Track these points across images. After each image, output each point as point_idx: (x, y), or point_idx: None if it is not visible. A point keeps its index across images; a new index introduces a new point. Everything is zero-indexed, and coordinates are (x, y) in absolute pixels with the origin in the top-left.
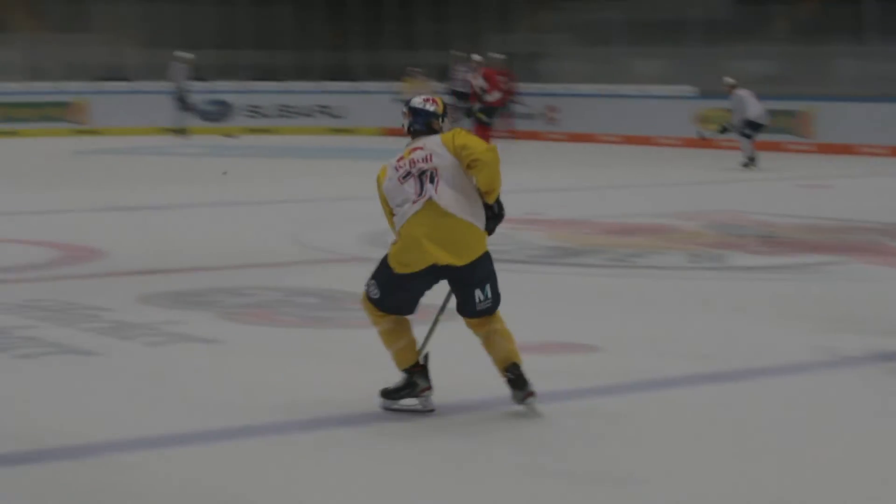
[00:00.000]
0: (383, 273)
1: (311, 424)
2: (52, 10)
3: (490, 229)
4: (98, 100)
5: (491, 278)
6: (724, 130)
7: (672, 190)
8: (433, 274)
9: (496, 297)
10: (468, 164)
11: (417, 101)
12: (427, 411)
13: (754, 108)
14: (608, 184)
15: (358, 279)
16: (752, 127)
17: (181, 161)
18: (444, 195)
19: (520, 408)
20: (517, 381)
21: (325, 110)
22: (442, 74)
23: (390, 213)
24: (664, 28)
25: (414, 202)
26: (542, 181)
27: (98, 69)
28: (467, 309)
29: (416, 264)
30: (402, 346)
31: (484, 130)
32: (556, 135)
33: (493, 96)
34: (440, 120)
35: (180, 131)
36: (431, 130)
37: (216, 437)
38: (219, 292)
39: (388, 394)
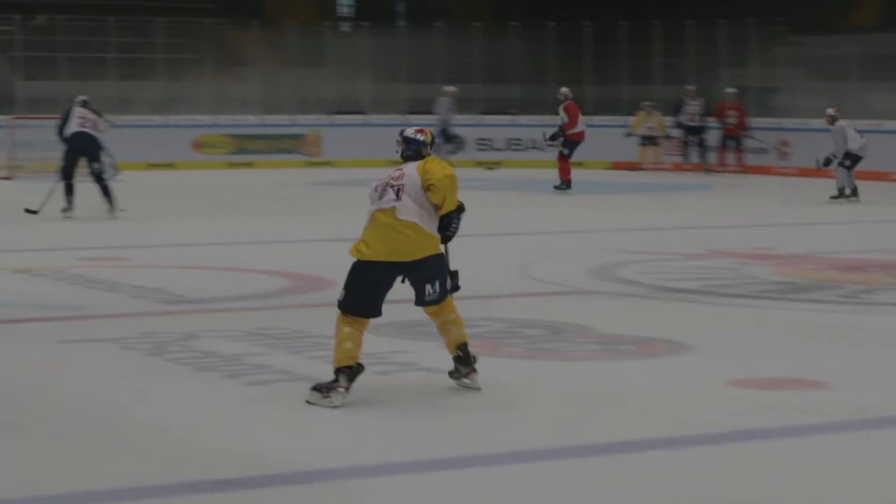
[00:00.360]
0: (350, 273)
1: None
2: (288, 45)
3: (444, 238)
4: (331, 132)
5: (440, 276)
6: (827, 162)
7: None
8: (391, 270)
9: (443, 292)
10: (426, 186)
11: (410, 132)
12: (334, 406)
13: (855, 141)
14: (838, 219)
15: (584, 311)
16: (853, 159)
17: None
18: (406, 206)
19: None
20: (464, 358)
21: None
22: (674, 108)
23: None
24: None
25: (381, 207)
26: (772, 216)
27: (332, 103)
28: (419, 299)
29: (373, 254)
30: (347, 348)
31: (564, 163)
32: (787, 169)
33: (576, 130)
34: (428, 148)
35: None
36: (420, 156)
37: (443, 466)
38: None
39: (318, 387)
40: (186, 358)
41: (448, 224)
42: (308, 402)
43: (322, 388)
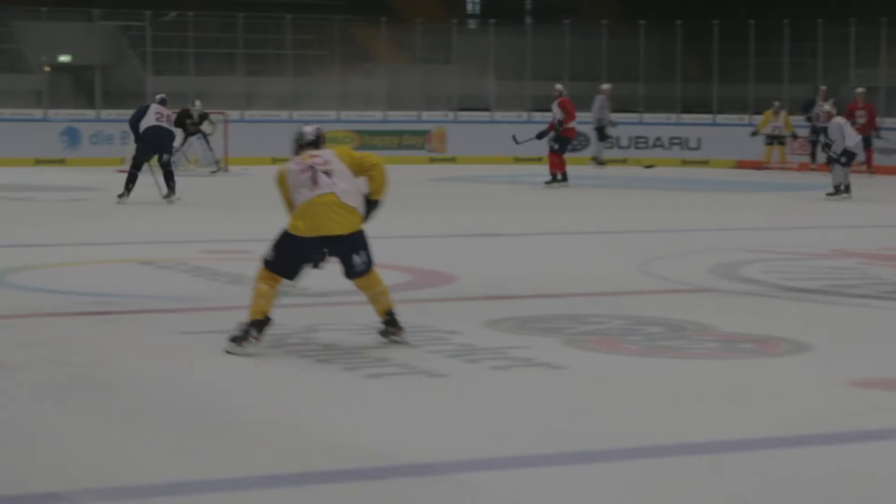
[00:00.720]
0: (281, 238)
1: (639, 452)
2: (414, 42)
3: (367, 218)
4: (456, 129)
5: (365, 248)
6: (829, 160)
7: None
8: (320, 244)
9: (369, 261)
10: (366, 170)
11: (309, 130)
12: (246, 355)
13: (852, 138)
14: None
15: (705, 309)
16: (849, 156)
17: (533, 189)
18: (339, 187)
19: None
20: (392, 321)
21: (679, 142)
22: (804, 108)
23: (290, 202)
24: None
25: (315, 190)
26: None
27: (457, 99)
28: (350, 271)
29: (310, 230)
30: (262, 303)
31: (555, 157)
32: None
33: (570, 125)
34: (321, 140)
35: (599, 162)
36: (318, 146)
37: (558, 461)
38: (563, 319)
39: (234, 338)
40: (306, 350)
41: (375, 207)
42: (227, 352)
43: (238, 340)
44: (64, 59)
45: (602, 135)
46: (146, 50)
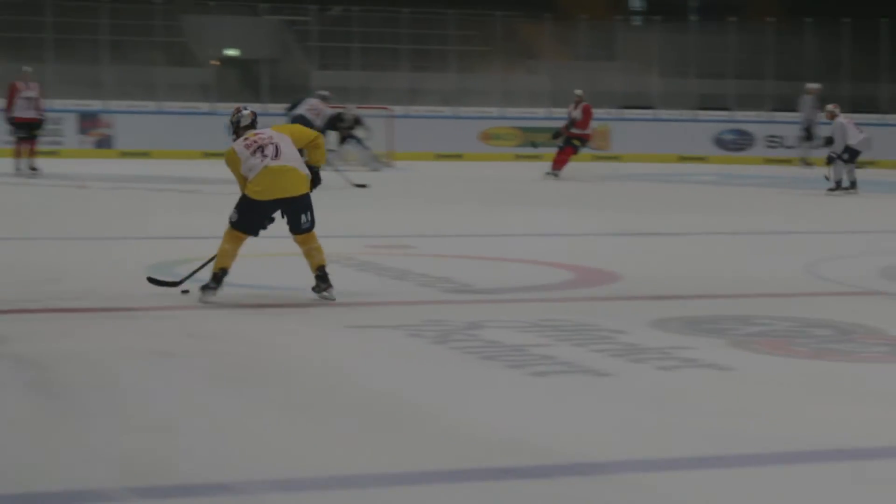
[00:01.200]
0: (243, 202)
1: (808, 456)
2: (578, 38)
3: (315, 185)
4: (620, 126)
5: (310, 208)
6: (830, 160)
7: None
8: (276, 204)
9: (313, 221)
10: (309, 141)
11: (247, 113)
12: (206, 302)
13: (854, 136)
14: None
15: (876, 312)
16: (851, 153)
17: (700, 189)
18: (286, 157)
19: None
20: (323, 277)
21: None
22: None
23: (242, 177)
24: None
25: (265, 161)
26: None
27: (621, 97)
28: (297, 227)
29: (267, 194)
30: (227, 257)
31: (569, 154)
32: None
33: (586, 130)
34: (256, 121)
35: (806, 162)
36: (255, 126)
37: (725, 464)
38: (730, 320)
39: (203, 287)
40: (471, 347)
41: (317, 175)
42: (201, 301)
43: (204, 289)
44: (231, 52)
45: (809, 135)
46: (311, 44)
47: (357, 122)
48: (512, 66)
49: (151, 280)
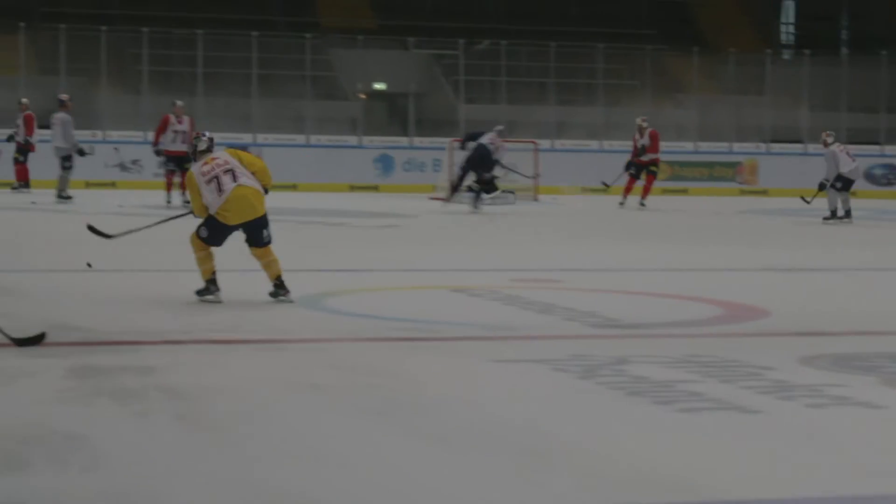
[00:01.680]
0: (210, 223)
1: None
2: (726, 72)
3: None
4: (768, 161)
5: (268, 224)
6: (821, 187)
7: None
8: (241, 225)
9: (270, 236)
10: (257, 168)
11: (205, 139)
12: (217, 301)
13: (846, 164)
14: None
15: None
16: (844, 182)
17: (849, 224)
18: (244, 177)
19: None
20: (281, 285)
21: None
22: None
23: (198, 196)
24: None
25: (226, 187)
26: None
27: (769, 131)
28: (259, 242)
29: (236, 219)
30: (208, 266)
31: (649, 181)
32: None
33: (656, 155)
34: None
35: None
36: (212, 151)
37: (878, 503)
38: (882, 357)
39: (199, 292)
40: (617, 382)
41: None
42: (202, 301)
43: (202, 293)
44: (379, 86)
45: None
46: (459, 78)
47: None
48: (659, 100)
49: (91, 228)
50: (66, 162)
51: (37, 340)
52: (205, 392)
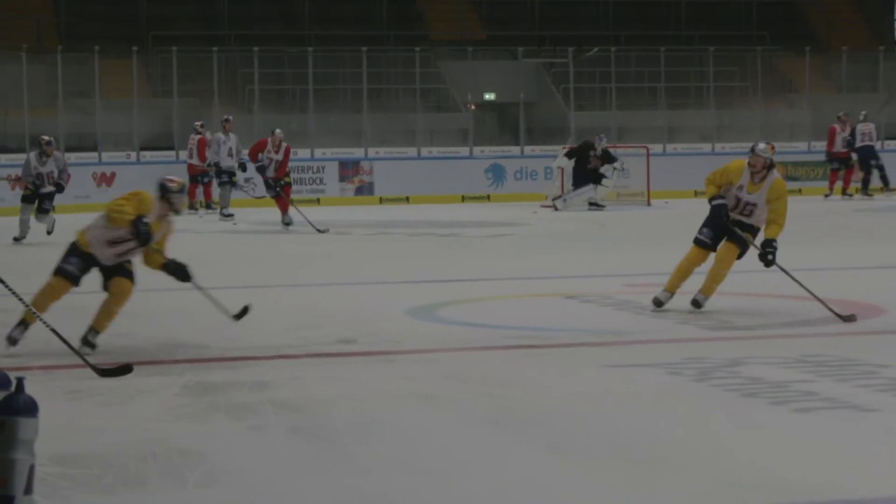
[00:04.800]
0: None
1: None
2: (839, 70)
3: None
4: (884, 158)
5: None
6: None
7: None
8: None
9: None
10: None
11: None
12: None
13: None
14: None
15: None
16: None
17: None
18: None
19: None
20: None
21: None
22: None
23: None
24: None
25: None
26: None
27: (885, 127)
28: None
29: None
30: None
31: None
32: None
33: None
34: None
35: None
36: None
37: None
38: None
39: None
40: (732, 384)
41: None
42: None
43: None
44: (489, 97)
45: None
46: (569, 86)
47: (606, 157)
48: (772, 101)
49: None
50: (223, 177)
51: (122, 372)
52: (319, 405)
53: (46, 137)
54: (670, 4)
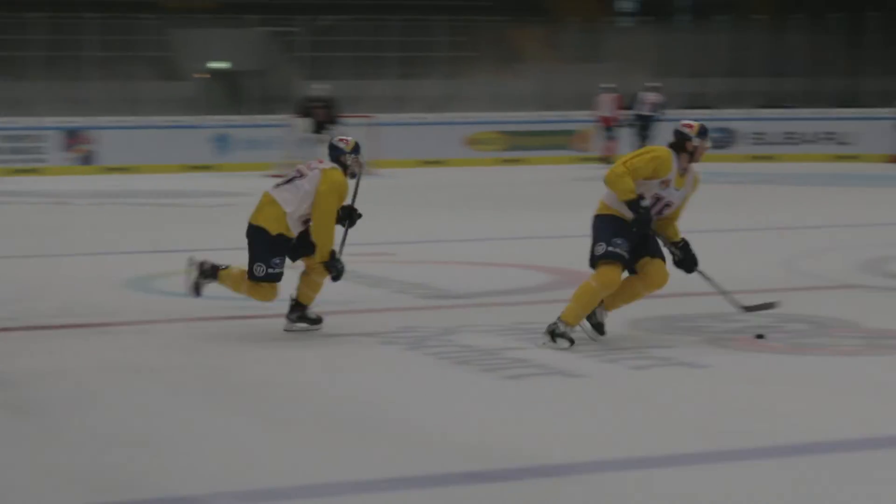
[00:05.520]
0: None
1: (773, 452)
2: (566, 41)
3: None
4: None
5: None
6: None
7: None
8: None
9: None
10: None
11: (335, 139)
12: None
13: None
14: None
15: (851, 306)
16: None
17: None
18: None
19: None
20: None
21: (831, 137)
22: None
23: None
24: None
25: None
26: None
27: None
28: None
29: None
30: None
31: None
32: None
33: None
34: (346, 155)
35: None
36: (339, 162)
37: (696, 460)
38: (706, 317)
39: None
40: (445, 352)
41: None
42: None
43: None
44: (217, 65)
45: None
46: (299, 55)
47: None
48: (499, 71)
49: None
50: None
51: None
52: (29, 379)
53: None
54: None
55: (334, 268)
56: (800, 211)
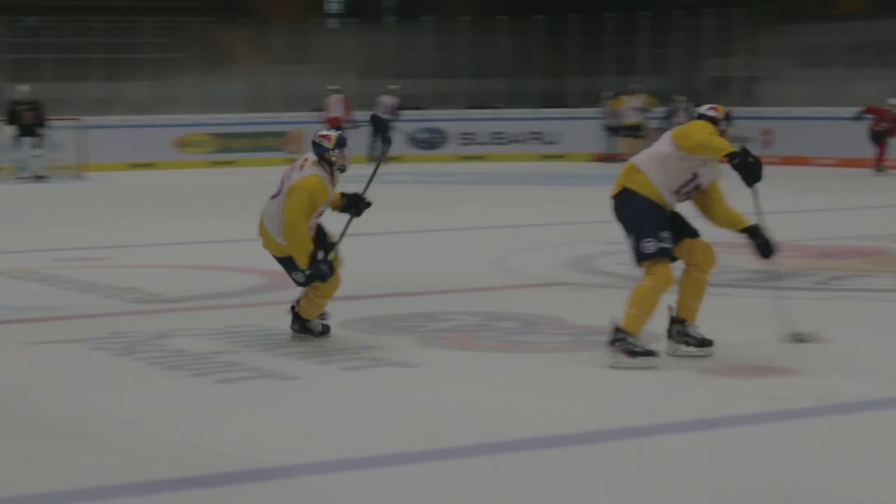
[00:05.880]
0: None
1: (495, 448)
2: (275, 43)
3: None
4: (315, 130)
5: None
6: None
7: (889, 212)
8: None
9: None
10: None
11: (317, 137)
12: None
13: None
14: (820, 207)
15: (559, 303)
16: None
17: (393, 188)
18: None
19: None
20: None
21: (537, 136)
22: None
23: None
24: (884, 49)
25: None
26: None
27: (317, 100)
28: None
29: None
30: None
31: None
32: (771, 158)
33: None
34: (331, 152)
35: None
36: (323, 159)
37: (408, 460)
38: (418, 317)
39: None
40: (156, 357)
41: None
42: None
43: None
44: None
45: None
46: (1, 57)
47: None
48: (207, 73)
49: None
50: None
51: None
52: None
53: None
54: None
55: (320, 272)
56: (508, 210)
